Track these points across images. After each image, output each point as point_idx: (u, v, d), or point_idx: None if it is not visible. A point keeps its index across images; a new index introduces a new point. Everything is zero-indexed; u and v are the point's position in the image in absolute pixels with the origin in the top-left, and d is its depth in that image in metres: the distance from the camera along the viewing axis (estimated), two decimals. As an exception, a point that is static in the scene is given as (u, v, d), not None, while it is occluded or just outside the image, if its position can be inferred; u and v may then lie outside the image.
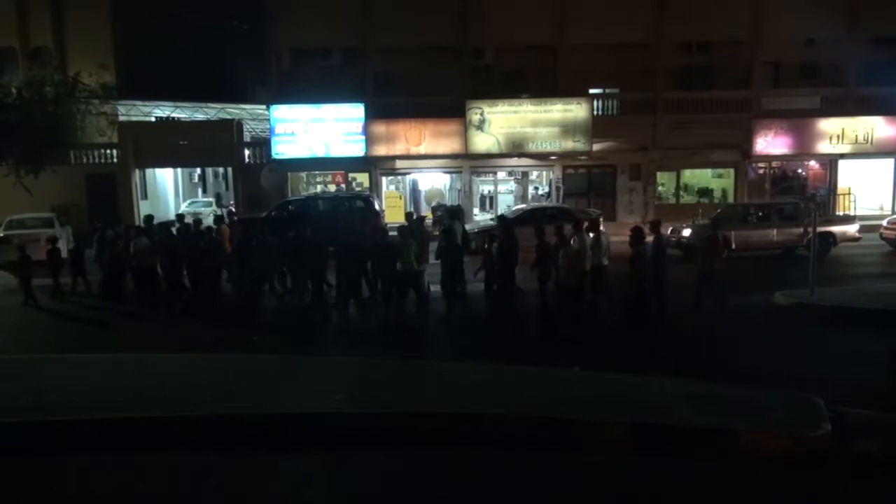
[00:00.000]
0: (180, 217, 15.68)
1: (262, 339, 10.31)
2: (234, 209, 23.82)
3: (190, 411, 1.43)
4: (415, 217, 15.45)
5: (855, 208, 25.14)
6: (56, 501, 1.18)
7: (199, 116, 30.42)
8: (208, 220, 18.47)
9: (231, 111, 29.85)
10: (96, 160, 26.79)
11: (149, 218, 15.76)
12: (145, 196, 28.22)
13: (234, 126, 27.35)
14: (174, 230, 14.79)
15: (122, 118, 27.87)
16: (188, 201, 31.66)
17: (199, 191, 34.84)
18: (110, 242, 14.56)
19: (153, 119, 30.03)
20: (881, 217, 22.35)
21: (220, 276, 13.46)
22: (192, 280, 13.44)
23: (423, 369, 1.99)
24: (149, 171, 28.52)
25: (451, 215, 14.76)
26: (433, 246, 12.45)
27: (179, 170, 31.72)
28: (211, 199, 31.96)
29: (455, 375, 1.86)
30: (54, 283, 14.38)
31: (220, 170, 33.70)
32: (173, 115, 30.62)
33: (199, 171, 33.96)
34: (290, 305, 12.88)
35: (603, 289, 11.48)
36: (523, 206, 23.90)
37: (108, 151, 26.84)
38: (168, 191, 31.04)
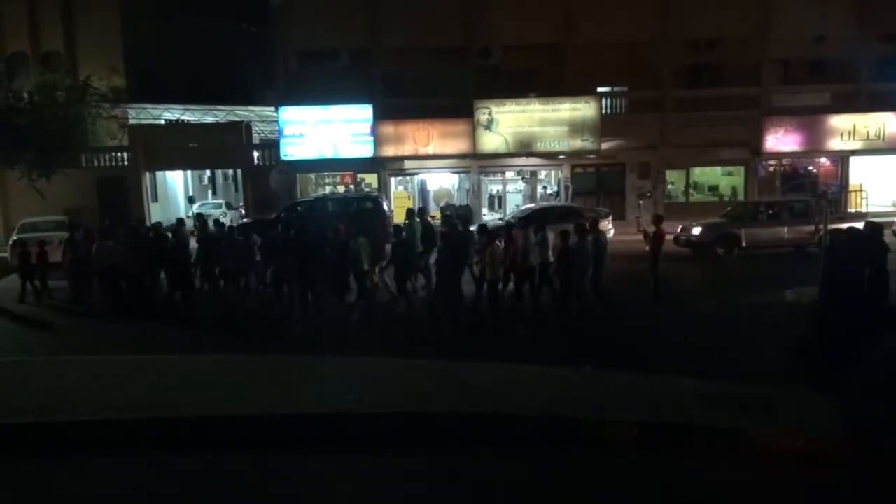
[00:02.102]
0: (140, 220, 15.86)
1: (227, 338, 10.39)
2: (203, 212, 23.74)
3: (192, 412, 1.43)
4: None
5: (867, 205, 24.92)
6: (56, 502, 1.19)
7: (209, 119, 30.59)
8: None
9: (240, 113, 30.00)
10: (107, 163, 26.99)
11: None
12: (156, 198, 28.40)
13: (242, 128, 27.48)
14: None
15: (132, 121, 28.09)
16: (198, 203, 31.85)
17: (209, 192, 35.06)
18: (78, 244, 14.46)
19: (163, 122, 30.21)
20: (893, 214, 22.16)
21: (186, 277, 13.55)
22: (158, 281, 13.76)
23: (427, 370, 1.99)
24: (159, 174, 28.71)
25: (409, 214, 14.69)
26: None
27: (189, 172, 31.93)
28: (221, 201, 32.16)
29: (462, 374, 1.86)
30: (22, 287, 14.30)
31: (230, 172, 33.88)
32: (183, 117, 30.80)
33: (208, 173, 34.14)
34: (254, 304, 12.92)
35: (550, 284, 11.99)
36: (532, 205, 23.85)
37: (119, 154, 27.04)
38: (178, 193, 31.24)
